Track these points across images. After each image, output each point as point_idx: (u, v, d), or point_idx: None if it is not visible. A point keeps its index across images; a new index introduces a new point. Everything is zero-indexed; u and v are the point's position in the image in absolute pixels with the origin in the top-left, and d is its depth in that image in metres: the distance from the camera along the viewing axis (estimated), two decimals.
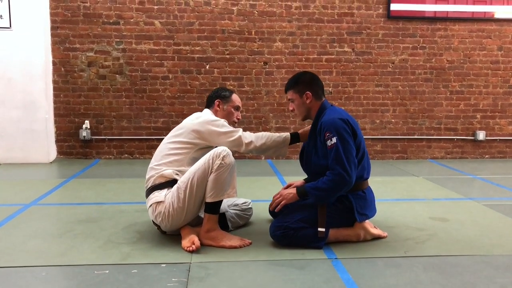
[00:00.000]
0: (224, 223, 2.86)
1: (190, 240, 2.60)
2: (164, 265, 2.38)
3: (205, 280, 2.20)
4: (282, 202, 2.63)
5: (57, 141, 5.60)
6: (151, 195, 2.69)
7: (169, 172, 2.68)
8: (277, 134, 2.84)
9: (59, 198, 3.85)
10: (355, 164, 2.55)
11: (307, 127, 2.91)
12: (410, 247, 2.66)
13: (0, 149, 5.29)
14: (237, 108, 2.95)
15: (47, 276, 2.26)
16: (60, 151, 5.62)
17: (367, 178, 2.76)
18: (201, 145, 2.73)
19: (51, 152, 5.48)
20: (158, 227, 2.76)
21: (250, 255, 2.52)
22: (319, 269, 2.34)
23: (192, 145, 2.72)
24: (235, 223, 2.95)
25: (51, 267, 2.36)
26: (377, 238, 2.78)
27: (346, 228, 2.71)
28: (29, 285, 2.15)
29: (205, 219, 2.65)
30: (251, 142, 2.72)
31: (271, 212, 3.02)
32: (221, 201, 2.63)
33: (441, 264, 2.42)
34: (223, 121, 2.77)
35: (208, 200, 2.59)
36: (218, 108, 2.91)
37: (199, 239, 2.62)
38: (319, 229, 2.56)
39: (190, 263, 2.40)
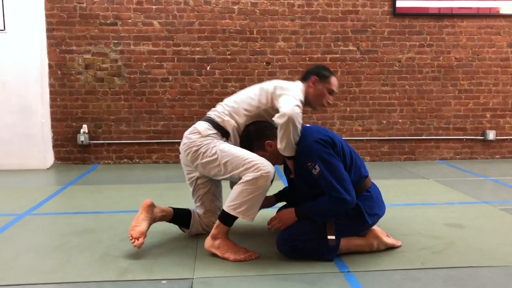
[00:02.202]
0: (186, 221, 2.76)
1: (140, 231, 2.49)
2: (164, 281, 2.22)
3: None
4: (282, 228, 2.48)
5: (54, 146, 5.44)
6: (202, 123, 2.64)
7: (230, 124, 2.61)
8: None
9: (55, 207, 3.68)
10: (348, 180, 2.40)
11: None
12: (427, 258, 2.49)
13: None
14: (331, 92, 2.73)
15: None
16: (58, 157, 5.46)
17: (366, 175, 2.59)
18: (262, 107, 2.63)
19: (48, 157, 5.31)
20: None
21: (257, 269, 2.35)
22: (331, 284, 2.18)
23: (255, 108, 2.63)
24: (197, 231, 2.81)
25: (43, 285, 2.21)
26: (391, 247, 2.62)
27: (358, 237, 2.54)
28: None
29: (216, 224, 2.51)
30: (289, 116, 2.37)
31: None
32: (236, 217, 2.46)
33: (462, 277, 2.26)
34: (295, 97, 2.50)
35: (226, 209, 2.45)
36: (312, 85, 2.70)
37: (206, 245, 2.52)
38: (329, 236, 2.39)
39: (193, 278, 2.25)
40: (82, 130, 5.39)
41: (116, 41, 5.36)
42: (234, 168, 2.46)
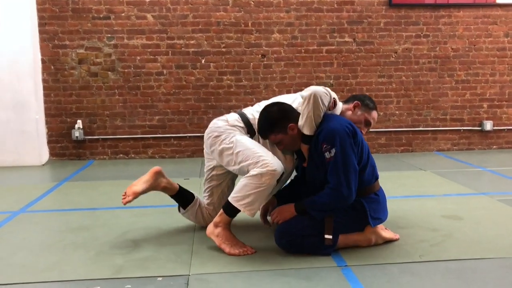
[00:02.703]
0: (187, 203, 2.79)
1: (134, 191, 2.62)
2: (160, 278, 2.20)
3: None
4: (280, 222, 2.47)
5: (49, 142, 5.39)
6: (234, 114, 2.68)
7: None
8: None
9: (50, 203, 3.65)
10: (355, 177, 2.36)
11: None
12: (425, 251, 2.48)
13: None
14: (368, 123, 2.70)
15: None
16: (53, 153, 5.42)
17: (377, 178, 2.57)
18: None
19: (43, 154, 5.27)
20: None
21: (253, 264, 2.33)
22: (328, 279, 2.16)
23: None
24: (191, 217, 2.85)
25: (37, 284, 2.18)
26: (389, 241, 2.60)
27: (356, 233, 2.52)
28: None
29: (220, 212, 2.51)
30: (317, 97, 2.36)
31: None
32: (239, 210, 2.44)
33: (460, 269, 2.24)
34: (325, 95, 2.42)
35: (229, 199, 2.45)
36: (353, 109, 2.67)
37: (207, 230, 2.53)
38: (326, 236, 2.37)
39: (189, 275, 2.22)
40: (76, 126, 5.34)
41: (109, 35, 5.30)
42: (243, 160, 2.44)
